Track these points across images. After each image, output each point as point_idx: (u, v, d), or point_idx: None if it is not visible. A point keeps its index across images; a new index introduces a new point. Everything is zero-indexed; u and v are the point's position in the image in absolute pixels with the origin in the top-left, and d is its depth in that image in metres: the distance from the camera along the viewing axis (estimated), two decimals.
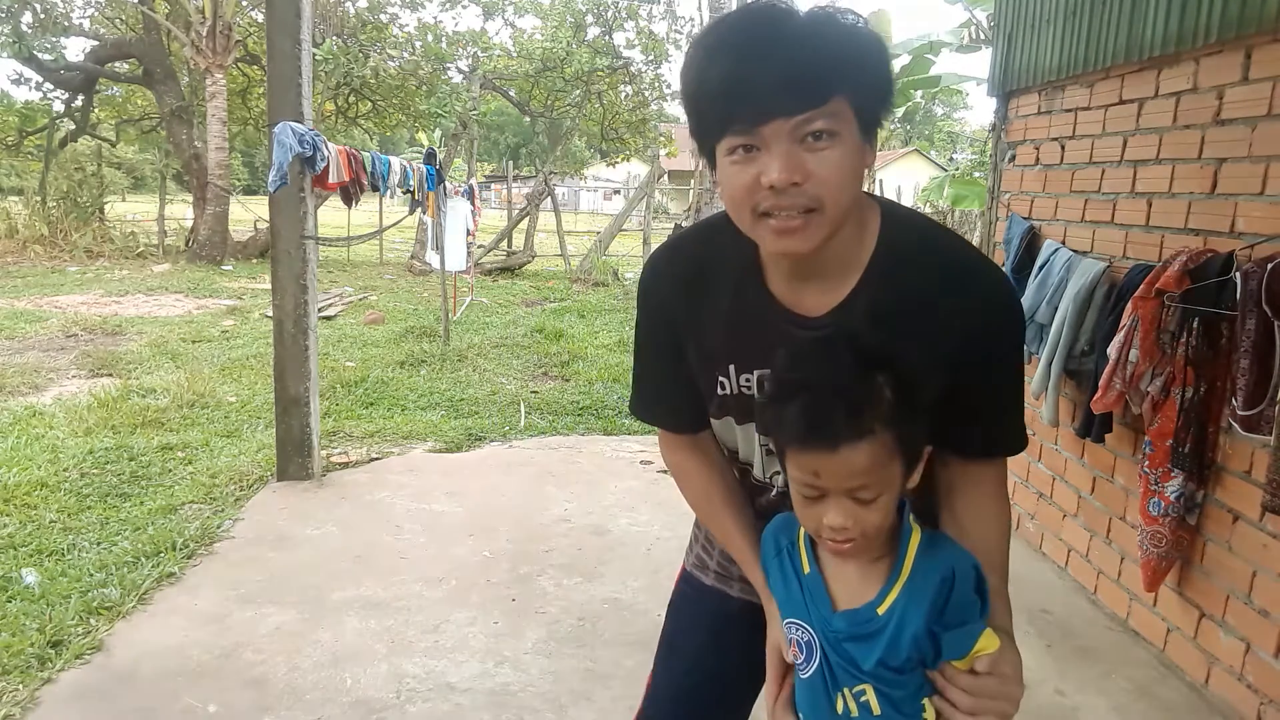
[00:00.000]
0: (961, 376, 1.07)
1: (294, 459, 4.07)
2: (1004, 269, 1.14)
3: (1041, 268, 3.35)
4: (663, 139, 17.67)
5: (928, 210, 13.17)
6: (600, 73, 15.68)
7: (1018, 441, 1.17)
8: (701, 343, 1.18)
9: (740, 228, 1.03)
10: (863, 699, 1.04)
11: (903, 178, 19.03)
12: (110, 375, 6.15)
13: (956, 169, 18.89)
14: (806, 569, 1.10)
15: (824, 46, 0.93)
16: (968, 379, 1.08)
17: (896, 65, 9.53)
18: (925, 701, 1.04)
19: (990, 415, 1.14)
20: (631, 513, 3.85)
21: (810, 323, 1.09)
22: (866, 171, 1.02)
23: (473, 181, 10.91)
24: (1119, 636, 2.94)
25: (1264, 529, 2.37)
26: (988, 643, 1.01)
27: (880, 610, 1.02)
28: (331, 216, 20.10)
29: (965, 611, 1.00)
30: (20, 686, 2.39)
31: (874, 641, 1.01)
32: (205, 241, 13.90)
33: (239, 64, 15.33)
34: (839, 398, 0.96)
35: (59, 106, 16.46)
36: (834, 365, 0.99)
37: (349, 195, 5.36)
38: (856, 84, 0.95)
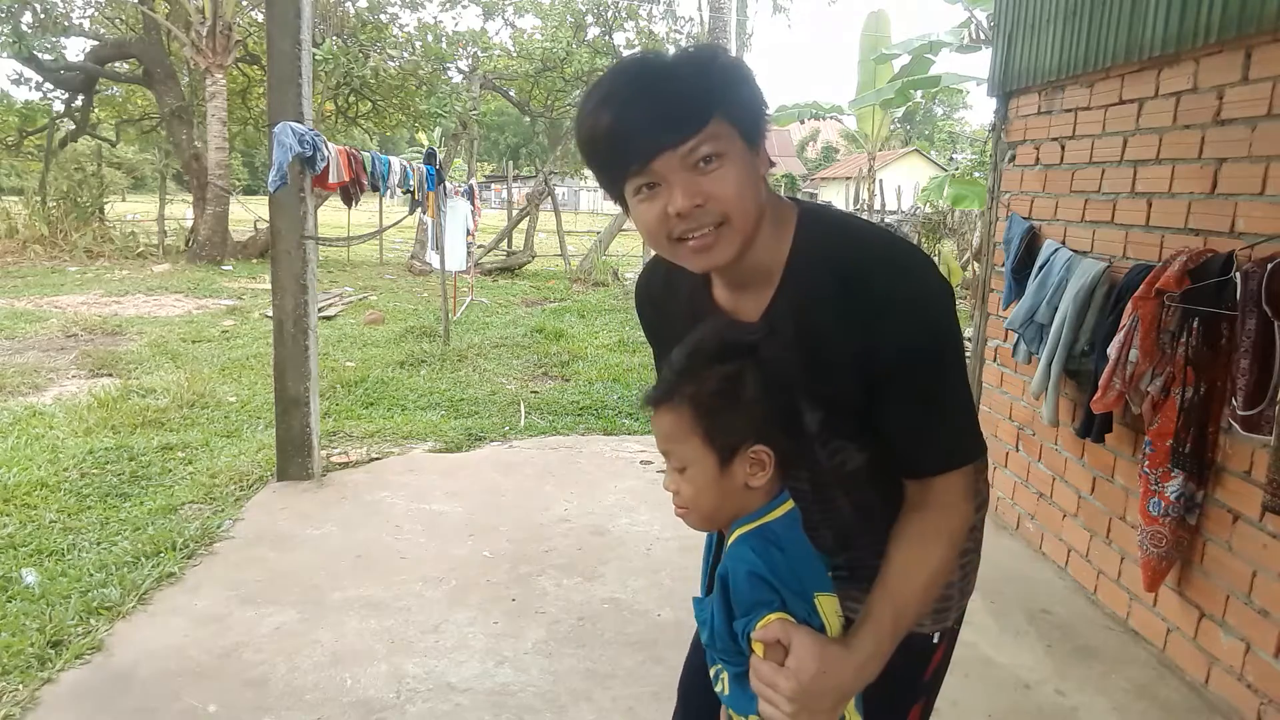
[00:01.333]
0: (881, 378, 1.07)
1: (294, 459, 4.07)
2: (933, 259, 1.20)
3: (1041, 268, 3.35)
4: None
5: (928, 210, 13.19)
6: (600, 73, 15.66)
7: (954, 454, 1.11)
8: (678, 332, 1.23)
9: (663, 255, 1.12)
10: (720, 676, 1.15)
11: (903, 178, 19.02)
12: (110, 375, 6.15)
13: (956, 169, 18.89)
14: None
15: (690, 79, 1.01)
16: (888, 381, 1.08)
17: (896, 65, 9.54)
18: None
19: (917, 425, 1.10)
20: (631, 513, 3.85)
21: (745, 328, 1.15)
22: (766, 178, 1.10)
23: (473, 181, 10.91)
24: (1119, 636, 2.94)
25: (1264, 529, 2.37)
26: (766, 632, 1.04)
27: (706, 597, 1.16)
28: (331, 216, 20.10)
29: (745, 608, 1.06)
30: (20, 686, 2.39)
31: (705, 627, 1.14)
32: (205, 241, 13.91)
33: (239, 64, 15.33)
34: (670, 374, 1.10)
35: (59, 106, 16.47)
36: (694, 353, 1.10)
37: (349, 195, 5.36)
38: (728, 104, 1.02)
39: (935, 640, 1.30)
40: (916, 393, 1.08)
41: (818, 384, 1.11)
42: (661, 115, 1.00)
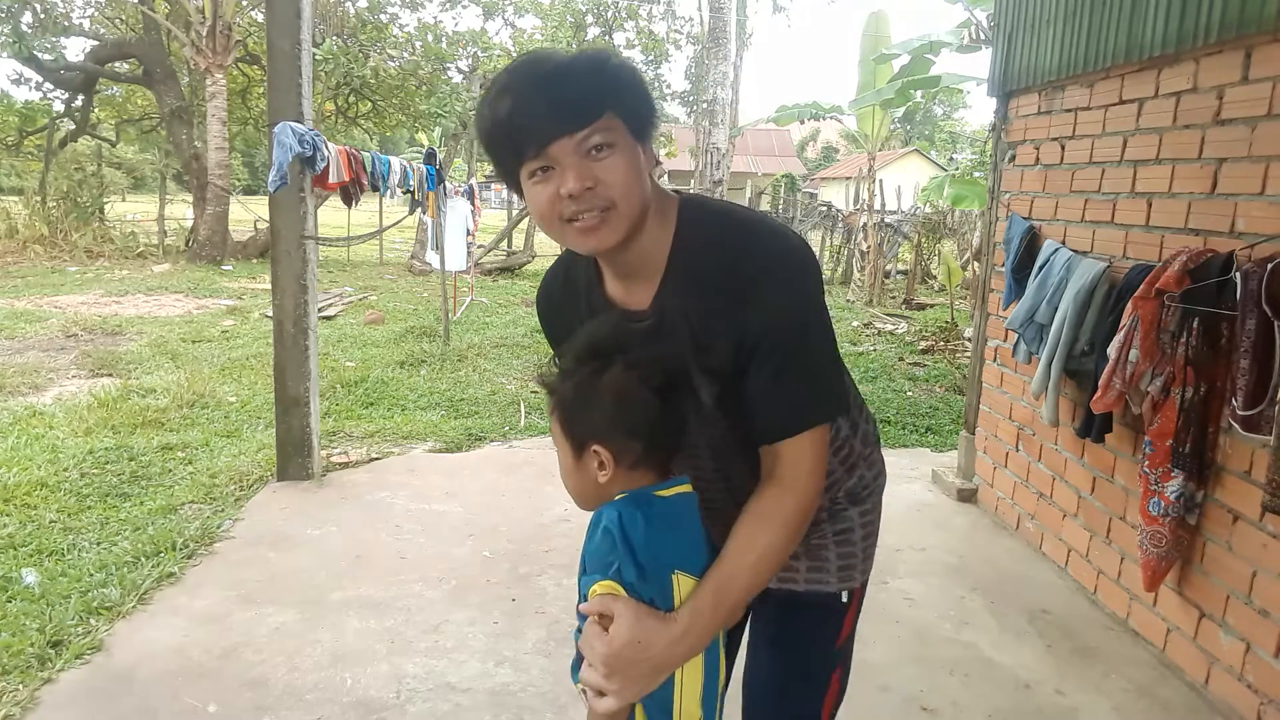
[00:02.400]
0: (750, 350, 1.15)
1: (294, 459, 4.07)
2: (804, 240, 1.24)
3: (1041, 268, 3.35)
4: (662, 139, 17.66)
5: (928, 210, 13.19)
6: None
7: (796, 418, 1.16)
8: (575, 325, 1.29)
9: (552, 238, 1.18)
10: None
11: (903, 178, 19.01)
12: (110, 375, 6.15)
13: (956, 169, 18.89)
14: None
15: (585, 76, 1.09)
16: (754, 353, 1.15)
17: (896, 65, 9.53)
18: None
19: (767, 391, 1.16)
20: None
21: (638, 315, 1.23)
22: (653, 172, 1.18)
23: (473, 181, 10.91)
24: (1119, 636, 2.94)
25: (1264, 529, 2.37)
26: (589, 605, 1.11)
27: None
28: (331, 216, 20.10)
29: (592, 559, 1.13)
30: (20, 686, 2.39)
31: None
32: (205, 241, 13.90)
33: (239, 64, 15.32)
34: (560, 367, 1.20)
35: (59, 106, 16.47)
36: (580, 350, 1.17)
37: (349, 195, 5.37)
38: (620, 101, 1.11)
39: (844, 600, 1.38)
40: (775, 362, 1.15)
41: (706, 362, 1.18)
42: (559, 105, 1.07)
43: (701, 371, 1.19)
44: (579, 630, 1.15)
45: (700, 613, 1.11)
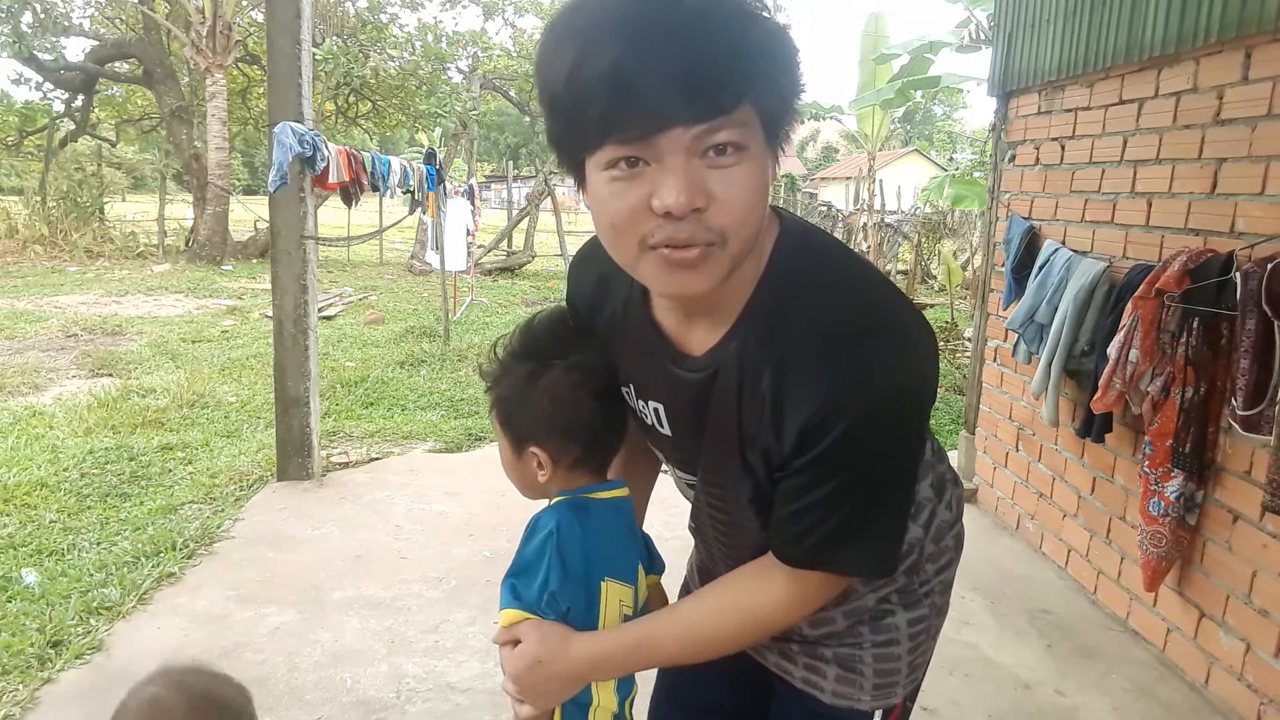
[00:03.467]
0: (796, 463, 0.89)
1: (294, 459, 4.07)
2: (923, 348, 0.88)
3: (1041, 268, 3.35)
4: None
5: (928, 210, 13.19)
6: None
7: (815, 559, 0.92)
8: (606, 349, 1.09)
9: (615, 258, 0.86)
10: None
11: (903, 178, 19.02)
12: (110, 375, 6.15)
13: (956, 169, 18.90)
14: None
15: (732, 37, 0.74)
16: (798, 469, 0.89)
17: (896, 65, 9.53)
18: None
19: (801, 520, 0.91)
20: None
21: (690, 363, 0.96)
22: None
23: (473, 181, 10.91)
24: (1119, 636, 2.94)
25: (1264, 529, 2.37)
26: (499, 634, 1.10)
27: None
28: (331, 216, 20.10)
29: (521, 563, 1.10)
30: (20, 686, 2.39)
31: None
32: (205, 241, 13.90)
33: (239, 64, 15.33)
34: (498, 360, 1.14)
35: (59, 106, 16.48)
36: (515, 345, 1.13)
37: (349, 195, 5.36)
38: (767, 88, 0.78)
39: (877, 718, 1.15)
40: (823, 489, 0.88)
41: (746, 450, 0.94)
42: (687, 77, 0.72)
43: (742, 459, 0.94)
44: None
45: (612, 654, 1.04)
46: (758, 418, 0.90)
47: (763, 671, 1.20)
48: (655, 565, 1.26)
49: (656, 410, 1.05)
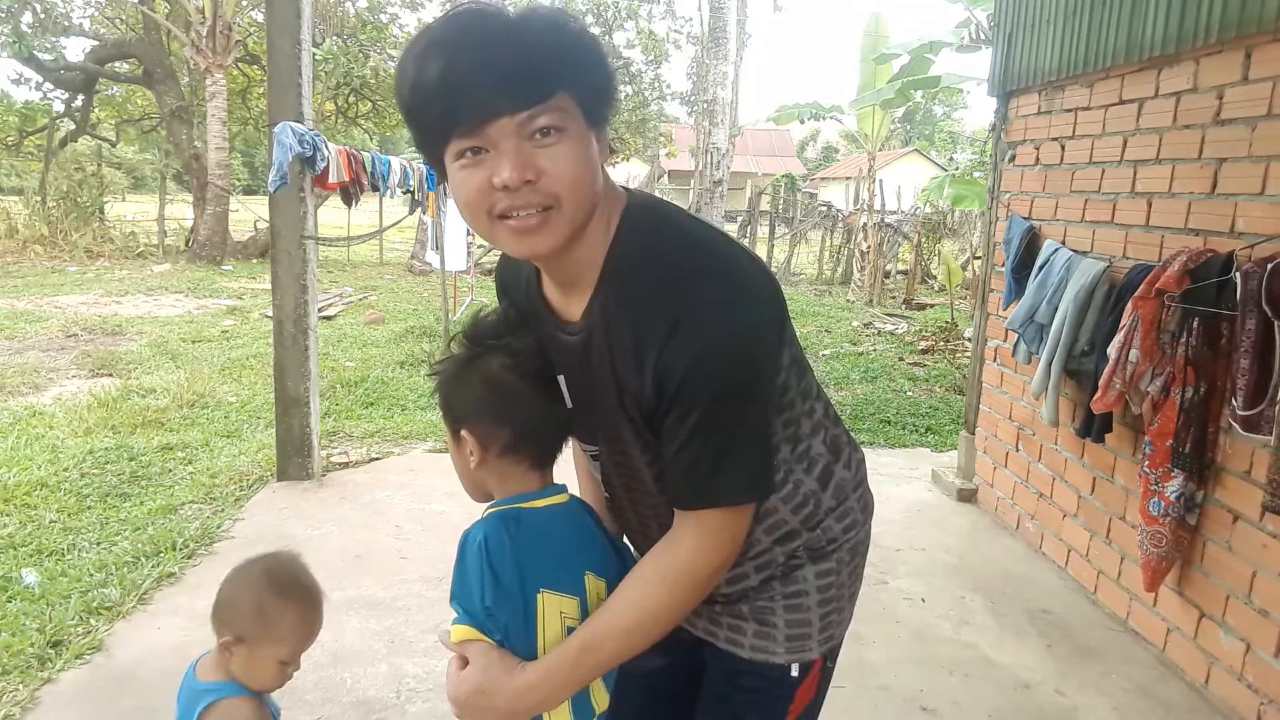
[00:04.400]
0: (664, 401, 0.99)
1: (294, 459, 4.07)
2: (760, 276, 1.02)
3: (1041, 268, 3.35)
4: (663, 139, 17.67)
5: (927, 210, 13.19)
6: None
7: (700, 495, 1.01)
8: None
9: (478, 234, 1.02)
10: None
11: (903, 178, 19.02)
12: (110, 375, 6.15)
13: (956, 169, 18.90)
14: None
15: (542, 43, 0.92)
16: (667, 405, 0.99)
17: (896, 65, 9.53)
18: None
19: (678, 461, 1.01)
20: None
21: (569, 328, 1.08)
22: (604, 169, 1.02)
23: None
24: (1119, 636, 2.94)
25: (1264, 529, 2.37)
26: (457, 634, 1.10)
27: None
28: (331, 216, 20.08)
29: (458, 584, 1.10)
30: (20, 686, 2.39)
31: None
32: (205, 241, 13.90)
33: (239, 64, 15.32)
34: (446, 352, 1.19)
35: (59, 106, 16.47)
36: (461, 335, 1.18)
37: (349, 195, 5.36)
38: (578, 80, 0.94)
39: (794, 673, 1.18)
40: (686, 423, 0.98)
41: (626, 399, 1.03)
42: (504, 76, 0.89)
43: (621, 408, 1.04)
44: None
45: (558, 669, 1.05)
46: (625, 367, 1.01)
47: (696, 645, 1.26)
48: (628, 568, 1.24)
49: (563, 384, 1.14)
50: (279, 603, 1.35)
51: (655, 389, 0.99)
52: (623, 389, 1.03)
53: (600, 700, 1.19)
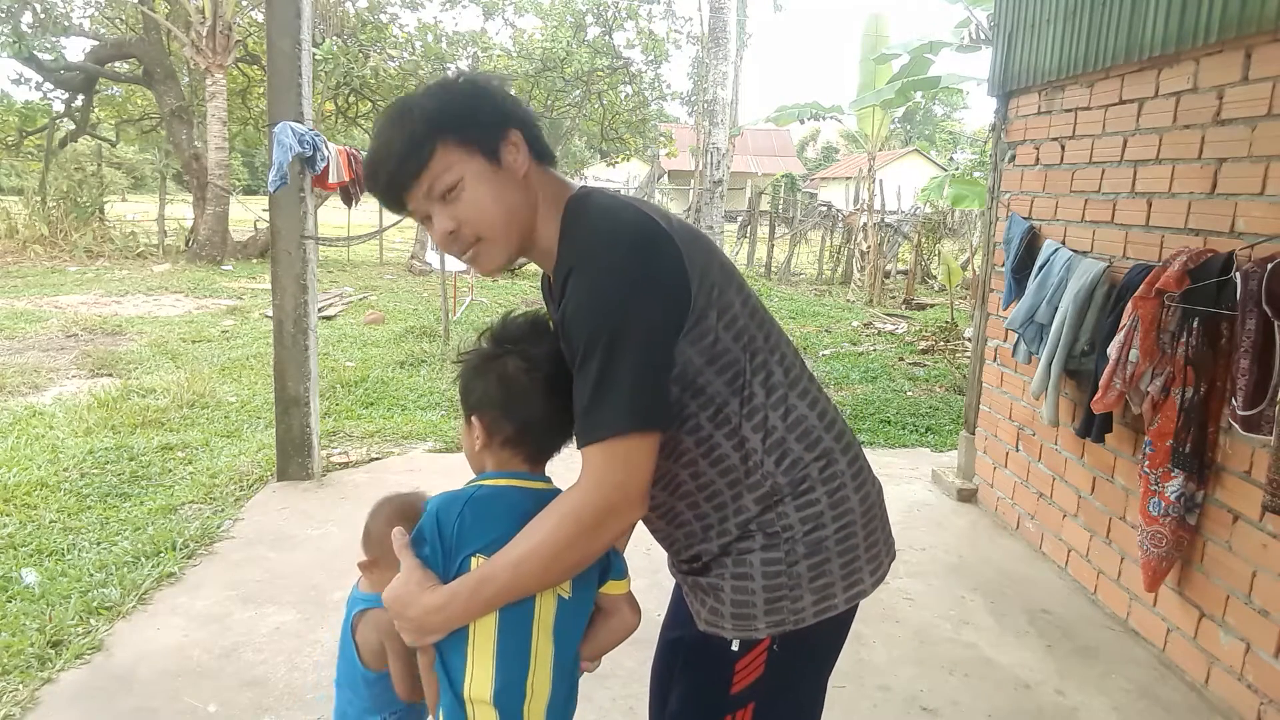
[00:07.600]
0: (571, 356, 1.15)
1: (294, 459, 4.07)
2: (648, 238, 1.12)
3: (1041, 268, 3.35)
4: (662, 139, 17.68)
5: (927, 210, 13.19)
6: (600, 73, 15.68)
7: (585, 430, 1.10)
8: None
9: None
10: None
11: (903, 178, 19.02)
12: (110, 375, 6.15)
13: (956, 169, 18.89)
14: None
15: (417, 117, 1.12)
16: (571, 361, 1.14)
17: (896, 65, 9.53)
18: None
19: (575, 395, 1.12)
20: None
21: (556, 293, 1.22)
22: (528, 175, 1.18)
23: None
24: (1119, 636, 2.94)
25: (1264, 529, 2.37)
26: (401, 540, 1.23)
27: None
28: (331, 216, 20.08)
29: (414, 531, 1.21)
30: (20, 686, 2.39)
31: None
32: (205, 241, 13.90)
33: (239, 64, 15.31)
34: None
35: (59, 106, 16.45)
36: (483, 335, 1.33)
37: (349, 195, 5.34)
38: (455, 129, 1.12)
39: (734, 647, 1.22)
40: (578, 365, 1.11)
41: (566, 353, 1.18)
42: (395, 161, 1.12)
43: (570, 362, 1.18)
44: None
45: (458, 595, 1.14)
46: (559, 320, 1.17)
47: None
48: (613, 570, 1.29)
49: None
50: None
51: (561, 318, 1.14)
52: (564, 342, 1.17)
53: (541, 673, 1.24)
